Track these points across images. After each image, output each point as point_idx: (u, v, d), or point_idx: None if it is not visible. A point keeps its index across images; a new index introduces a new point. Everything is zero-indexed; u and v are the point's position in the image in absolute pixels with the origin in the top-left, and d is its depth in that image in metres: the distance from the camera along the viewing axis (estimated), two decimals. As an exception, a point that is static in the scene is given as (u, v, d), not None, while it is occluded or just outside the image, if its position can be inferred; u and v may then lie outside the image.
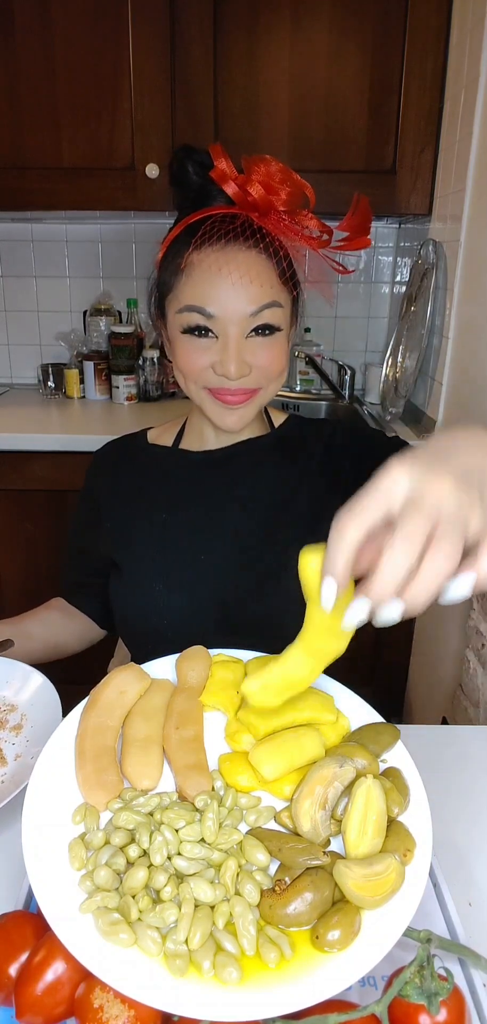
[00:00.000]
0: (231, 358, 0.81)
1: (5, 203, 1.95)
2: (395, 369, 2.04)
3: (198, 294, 0.81)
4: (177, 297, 0.83)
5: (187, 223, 0.83)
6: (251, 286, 0.80)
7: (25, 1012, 0.47)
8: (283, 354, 0.86)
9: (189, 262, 0.81)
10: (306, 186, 0.83)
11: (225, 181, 0.81)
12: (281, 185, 0.80)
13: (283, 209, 0.82)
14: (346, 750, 0.59)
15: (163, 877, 0.50)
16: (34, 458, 1.85)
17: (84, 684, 0.69)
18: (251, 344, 0.83)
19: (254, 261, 0.81)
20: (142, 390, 2.26)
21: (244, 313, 0.81)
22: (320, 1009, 0.45)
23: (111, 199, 1.91)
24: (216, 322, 0.81)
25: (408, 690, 2.08)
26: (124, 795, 0.57)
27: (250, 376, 0.84)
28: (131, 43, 1.79)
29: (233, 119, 1.86)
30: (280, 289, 0.83)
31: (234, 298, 0.80)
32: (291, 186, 0.81)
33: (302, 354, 2.33)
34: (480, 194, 1.56)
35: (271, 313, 0.82)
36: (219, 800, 0.56)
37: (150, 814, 0.55)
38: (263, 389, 0.87)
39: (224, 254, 0.80)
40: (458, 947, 0.53)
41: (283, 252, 0.83)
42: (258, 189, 0.80)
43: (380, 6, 1.77)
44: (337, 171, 1.88)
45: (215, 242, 0.80)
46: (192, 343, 0.83)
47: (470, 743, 0.85)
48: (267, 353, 0.84)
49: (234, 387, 0.84)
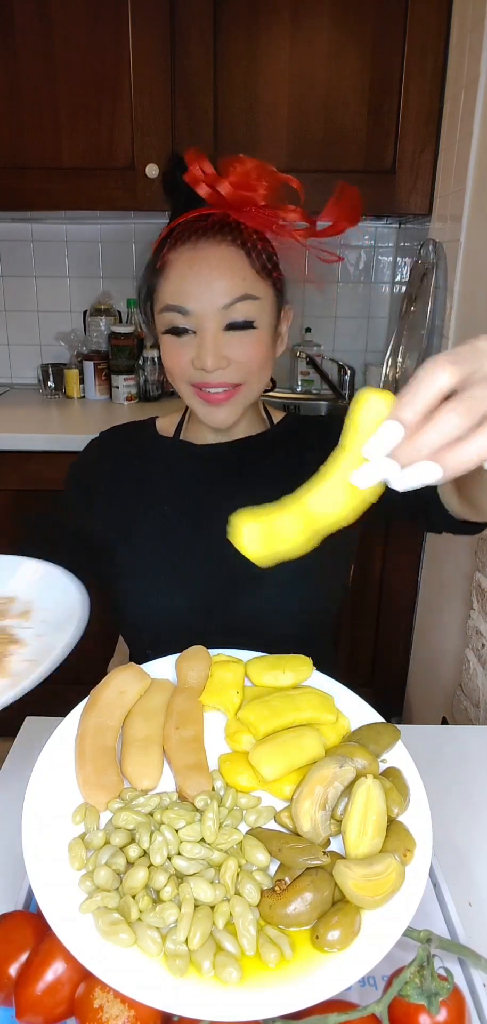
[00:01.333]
0: (208, 351, 0.82)
1: (5, 203, 1.95)
2: (395, 369, 2.04)
3: (174, 292, 0.83)
4: (159, 298, 0.86)
5: (171, 227, 0.86)
6: (222, 279, 0.82)
7: (25, 1012, 0.47)
8: (264, 348, 0.87)
9: (165, 261, 0.84)
10: (290, 179, 0.84)
11: (197, 184, 0.83)
12: (258, 181, 0.82)
13: (264, 204, 0.83)
14: (346, 750, 0.59)
15: (163, 877, 0.50)
16: (34, 458, 1.85)
17: (84, 684, 0.69)
18: (229, 338, 0.84)
19: (225, 255, 0.82)
20: (142, 390, 2.26)
21: (217, 306, 0.82)
22: (320, 1009, 0.45)
23: (111, 199, 1.91)
24: (192, 318, 0.83)
25: (408, 690, 2.08)
26: (124, 795, 0.57)
27: (229, 370, 0.85)
28: (131, 43, 1.79)
29: (233, 119, 1.86)
30: (255, 282, 0.84)
31: (207, 292, 0.82)
32: (269, 180, 0.82)
33: (302, 354, 2.33)
34: (480, 194, 1.56)
35: (245, 306, 0.83)
36: (219, 800, 0.56)
37: (150, 814, 0.55)
38: (246, 385, 0.87)
39: (196, 251, 0.82)
40: (458, 947, 0.53)
41: (261, 246, 0.84)
42: (226, 187, 0.81)
43: (380, 6, 1.76)
44: (337, 171, 1.88)
45: (187, 239, 0.83)
46: (174, 342, 0.85)
47: (470, 743, 0.85)
48: (246, 347, 0.85)
49: (213, 380, 0.85)
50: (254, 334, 0.85)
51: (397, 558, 1.95)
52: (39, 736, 0.63)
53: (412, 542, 1.94)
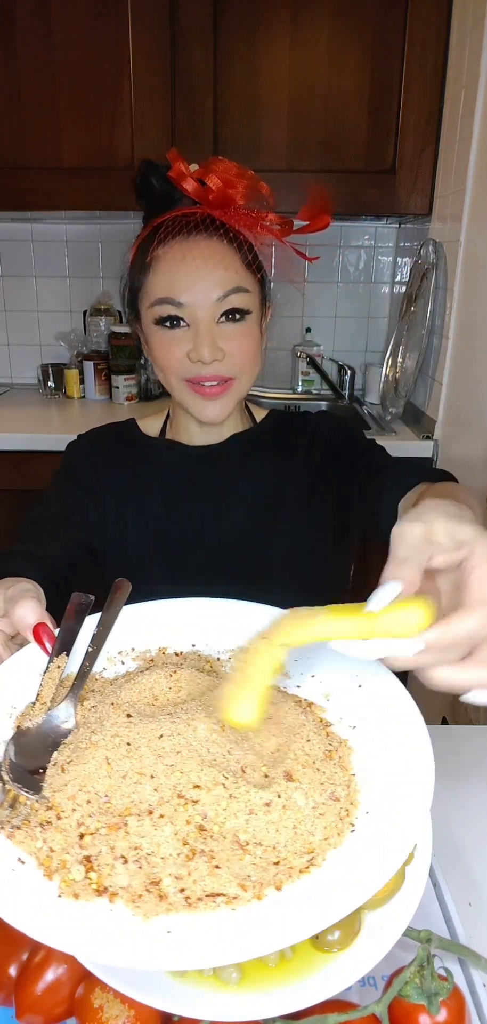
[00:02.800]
0: (204, 342, 0.83)
1: (5, 203, 1.95)
2: (395, 369, 2.04)
3: (166, 285, 0.84)
4: (147, 293, 0.86)
5: (153, 225, 0.87)
6: (216, 271, 0.83)
7: (25, 1012, 0.47)
8: (254, 341, 0.89)
9: (155, 256, 0.85)
10: (260, 183, 0.86)
11: (184, 179, 0.84)
12: (237, 180, 0.84)
13: (242, 203, 0.85)
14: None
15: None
16: (34, 458, 1.85)
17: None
18: (222, 330, 0.85)
19: (216, 248, 0.84)
20: (143, 389, 2.26)
21: (211, 298, 0.84)
22: (320, 1009, 0.45)
23: (111, 199, 1.91)
24: (186, 310, 0.84)
25: (408, 690, 2.07)
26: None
27: (223, 362, 0.86)
28: (131, 43, 1.79)
29: (233, 119, 1.86)
30: (245, 275, 0.86)
31: (201, 283, 0.83)
32: (247, 180, 0.84)
33: (303, 354, 2.33)
34: (480, 194, 1.56)
35: (238, 298, 0.85)
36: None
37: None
38: (237, 379, 0.88)
39: (187, 244, 0.83)
40: (458, 947, 0.53)
41: (245, 241, 0.86)
42: (215, 182, 0.83)
43: (380, 6, 1.76)
44: (337, 171, 1.88)
45: (178, 234, 0.84)
46: (166, 335, 0.86)
47: (470, 743, 0.85)
48: (238, 339, 0.86)
49: (209, 372, 0.86)
50: (246, 327, 0.87)
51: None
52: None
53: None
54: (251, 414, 1.03)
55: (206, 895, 0.39)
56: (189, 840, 0.42)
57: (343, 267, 2.34)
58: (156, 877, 0.40)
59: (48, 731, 0.50)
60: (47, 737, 0.49)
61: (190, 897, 0.39)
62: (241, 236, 0.85)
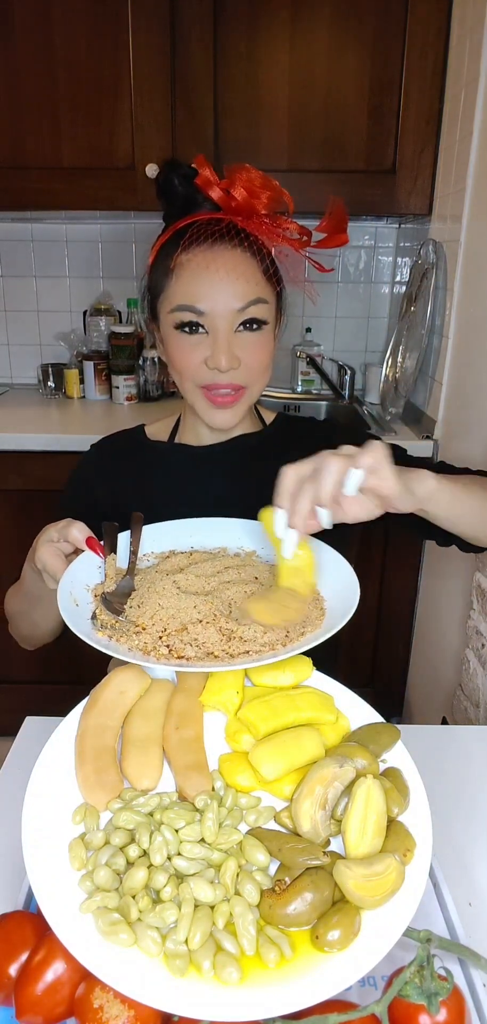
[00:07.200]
0: (221, 350, 0.85)
1: (5, 203, 1.95)
2: (395, 369, 2.04)
3: (188, 292, 0.85)
4: (168, 297, 0.87)
5: (175, 228, 0.87)
6: (238, 282, 0.84)
7: (25, 1012, 0.47)
8: (269, 349, 0.91)
9: (178, 263, 0.86)
10: (284, 192, 0.87)
11: (210, 187, 0.86)
12: (261, 190, 0.85)
13: (264, 213, 0.86)
14: (346, 750, 0.59)
15: (163, 877, 0.50)
16: (34, 458, 1.85)
17: (84, 684, 0.69)
18: (240, 338, 0.87)
19: (240, 259, 0.85)
20: (142, 390, 2.26)
21: (232, 308, 0.85)
22: (320, 1009, 0.45)
23: (111, 199, 1.91)
24: (206, 318, 0.85)
25: (408, 690, 2.08)
26: (124, 795, 0.57)
27: (239, 371, 0.87)
28: (131, 43, 1.79)
29: (233, 119, 1.86)
30: (265, 286, 0.88)
31: (222, 294, 0.84)
32: (271, 191, 0.86)
33: (303, 354, 2.33)
34: (480, 194, 1.56)
35: (257, 308, 0.87)
36: (219, 800, 0.56)
37: (150, 814, 0.55)
38: (249, 388, 0.91)
39: (211, 253, 0.84)
40: (458, 947, 0.53)
41: (266, 251, 0.87)
42: (241, 192, 0.84)
43: (380, 6, 1.76)
44: (337, 171, 1.88)
45: (202, 242, 0.85)
46: (185, 340, 0.87)
47: (470, 743, 0.85)
48: (254, 348, 0.88)
49: (225, 380, 0.87)
50: (262, 336, 0.88)
51: (397, 558, 1.94)
52: (39, 736, 0.63)
53: (412, 543, 1.94)
54: (260, 416, 1.04)
55: (240, 652, 0.65)
56: (224, 634, 0.67)
57: (343, 267, 2.34)
58: (210, 650, 0.65)
59: (119, 593, 0.73)
60: (120, 595, 0.73)
61: (233, 655, 0.64)
62: (262, 246, 0.86)
